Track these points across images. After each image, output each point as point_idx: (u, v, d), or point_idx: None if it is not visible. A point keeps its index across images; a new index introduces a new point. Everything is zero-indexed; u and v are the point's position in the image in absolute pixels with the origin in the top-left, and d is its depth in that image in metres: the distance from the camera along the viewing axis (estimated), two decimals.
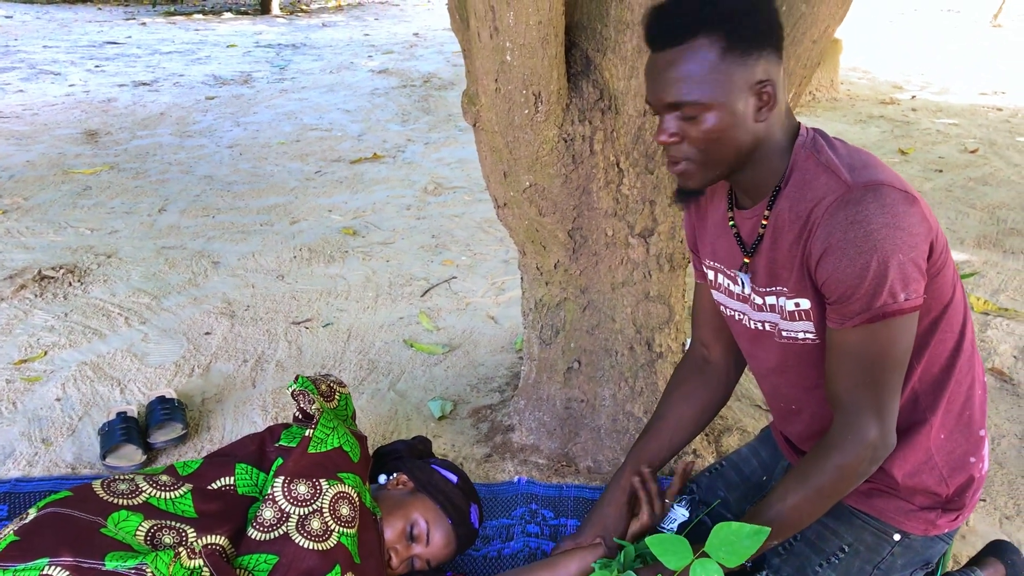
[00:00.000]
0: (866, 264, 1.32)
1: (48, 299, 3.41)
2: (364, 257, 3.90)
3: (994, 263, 3.77)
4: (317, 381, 1.98)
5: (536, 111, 1.92)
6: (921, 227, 1.35)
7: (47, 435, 2.56)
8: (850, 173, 1.37)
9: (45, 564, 1.43)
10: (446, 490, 1.90)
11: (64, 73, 7.96)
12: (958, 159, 5.39)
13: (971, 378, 1.57)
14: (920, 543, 1.62)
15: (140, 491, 1.69)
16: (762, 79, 1.36)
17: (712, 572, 1.51)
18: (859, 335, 1.40)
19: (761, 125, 1.41)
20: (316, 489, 1.70)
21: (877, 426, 1.43)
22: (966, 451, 1.58)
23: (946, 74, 8.16)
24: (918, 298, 1.37)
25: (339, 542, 1.66)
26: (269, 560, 1.62)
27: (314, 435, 1.79)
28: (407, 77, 7.85)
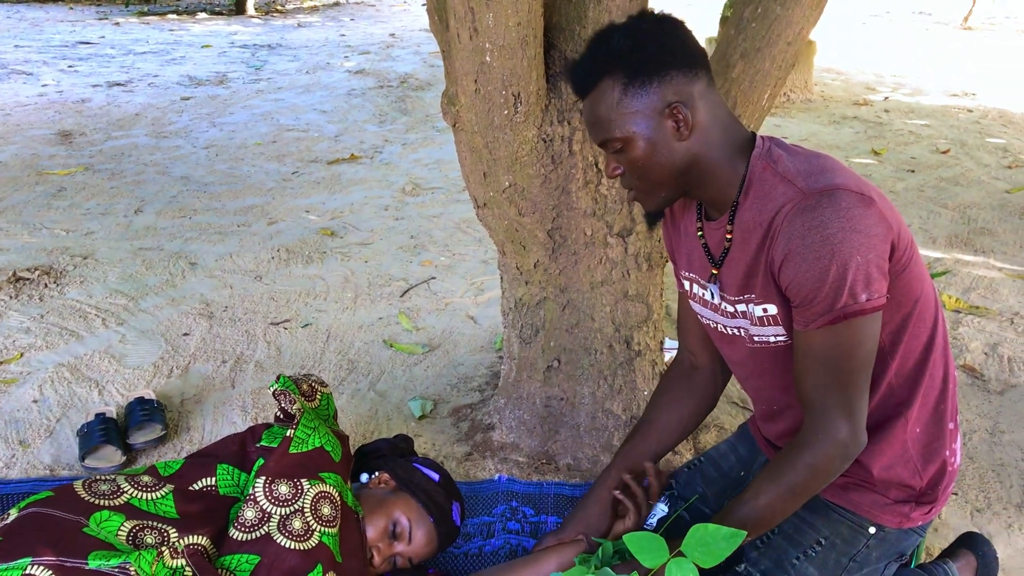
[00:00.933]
0: (825, 268, 1.36)
1: (23, 300, 3.39)
2: (343, 258, 3.90)
3: (965, 262, 3.83)
4: (298, 381, 1.98)
5: (515, 112, 1.94)
6: (878, 228, 1.39)
7: (24, 437, 2.54)
8: (806, 180, 1.42)
9: (28, 563, 1.43)
10: (428, 488, 1.91)
11: (36, 73, 7.89)
12: (930, 159, 5.47)
13: (944, 372, 1.60)
14: (895, 536, 1.65)
15: (121, 492, 1.68)
16: (671, 101, 1.44)
17: (687, 572, 1.53)
18: (824, 336, 1.43)
19: (687, 143, 1.48)
20: (297, 489, 1.70)
21: (847, 425, 1.47)
22: (940, 443, 1.62)
23: (918, 76, 8.27)
24: (880, 298, 1.40)
25: (320, 541, 1.66)
26: (251, 560, 1.62)
27: (295, 435, 1.79)
28: (384, 78, 7.85)
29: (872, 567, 1.66)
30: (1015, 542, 2.15)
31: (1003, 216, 4.43)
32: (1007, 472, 2.41)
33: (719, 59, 2.06)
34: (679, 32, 1.47)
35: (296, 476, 1.73)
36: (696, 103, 1.46)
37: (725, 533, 1.50)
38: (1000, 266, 3.79)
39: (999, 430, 2.61)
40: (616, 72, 1.44)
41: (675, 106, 1.44)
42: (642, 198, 1.56)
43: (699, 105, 1.46)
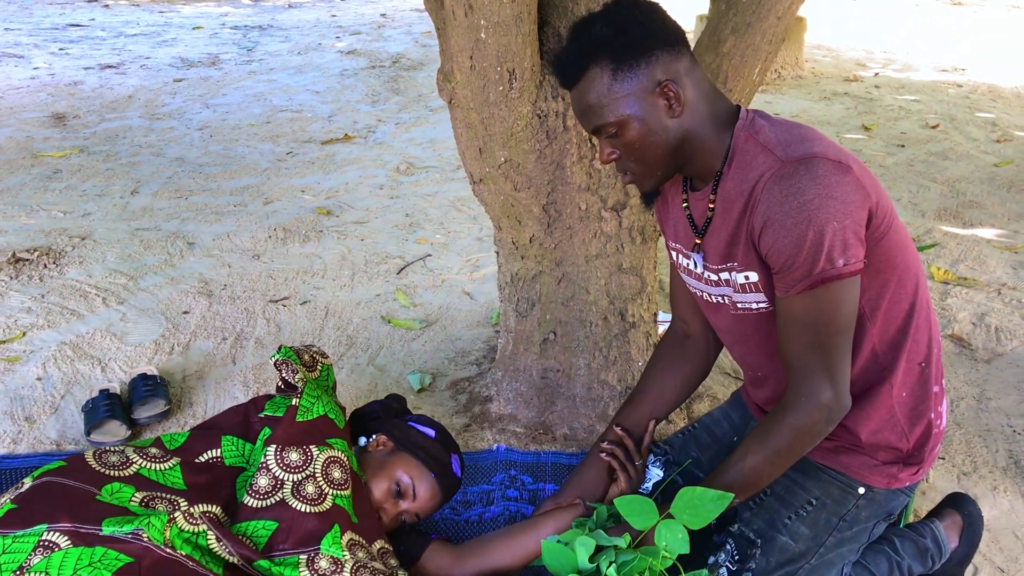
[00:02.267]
0: (803, 234, 1.41)
1: (24, 281, 3.42)
2: (339, 236, 3.94)
3: (953, 235, 3.88)
4: (300, 351, 2.02)
5: (510, 88, 1.97)
6: (855, 195, 1.43)
7: (30, 413, 2.59)
8: (784, 149, 1.46)
9: (44, 529, 1.47)
10: (425, 445, 1.95)
11: (28, 56, 7.86)
12: (919, 134, 5.51)
13: (928, 336, 1.65)
14: (883, 496, 1.71)
15: (131, 462, 1.72)
16: (660, 79, 1.48)
17: (677, 533, 1.59)
18: (803, 301, 1.48)
19: (679, 119, 1.52)
20: (307, 455, 1.75)
21: (830, 387, 1.52)
22: (926, 407, 1.67)
23: (908, 52, 8.30)
24: (857, 263, 1.45)
25: (335, 504, 1.71)
26: (268, 526, 1.66)
27: (300, 404, 1.83)
28: (376, 58, 7.84)
29: (861, 526, 1.72)
30: (1000, 503, 2.21)
31: (991, 189, 4.48)
32: (993, 437, 2.47)
33: (710, 34, 2.09)
34: (657, 13, 1.51)
35: (305, 443, 1.77)
36: (683, 80, 1.50)
37: (712, 496, 1.56)
38: (988, 238, 3.84)
39: (986, 397, 2.67)
40: (602, 59, 1.48)
41: (665, 84, 1.48)
42: (638, 180, 1.60)
43: (686, 81, 1.51)
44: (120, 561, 1.44)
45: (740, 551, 1.71)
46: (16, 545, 1.45)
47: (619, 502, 1.63)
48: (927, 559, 1.87)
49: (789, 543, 1.68)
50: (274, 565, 1.61)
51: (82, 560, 1.43)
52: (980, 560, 2.02)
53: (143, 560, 1.46)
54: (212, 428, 1.92)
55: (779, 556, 1.68)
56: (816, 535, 1.69)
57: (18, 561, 1.43)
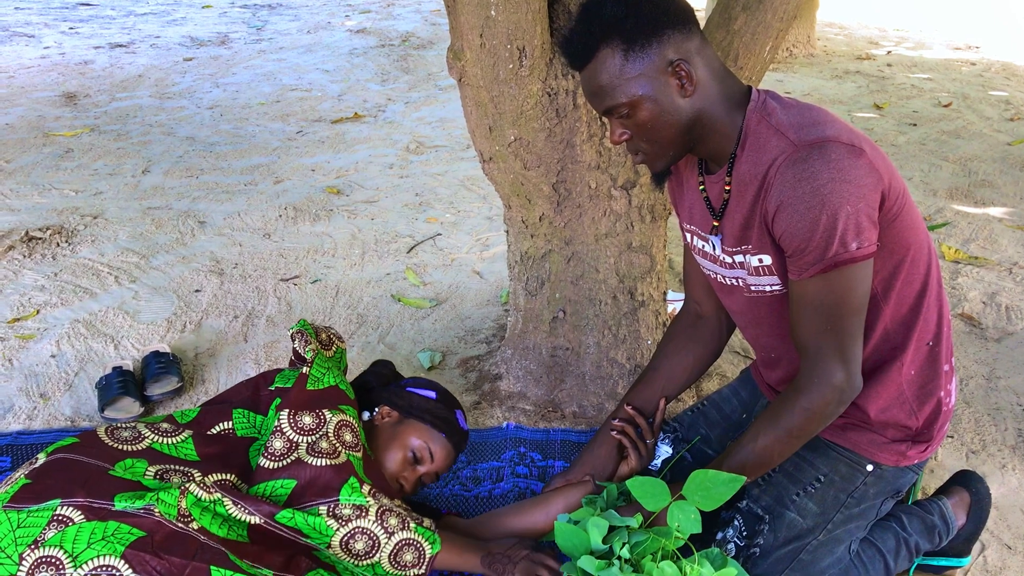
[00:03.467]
0: (816, 217, 1.41)
1: (37, 259, 3.45)
2: (349, 215, 3.95)
3: (965, 214, 3.87)
4: (317, 329, 2.03)
5: (520, 65, 1.97)
6: (868, 178, 1.43)
7: (44, 390, 2.61)
8: (797, 132, 1.46)
9: (58, 504, 1.49)
10: (430, 407, 1.99)
11: (38, 35, 7.87)
12: (932, 113, 5.47)
13: (938, 315, 1.66)
14: (891, 473, 1.72)
15: (143, 437, 1.75)
16: (672, 59, 1.47)
17: (689, 514, 1.60)
18: (817, 284, 1.49)
19: (691, 99, 1.51)
20: (320, 419, 1.77)
21: (842, 369, 1.53)
22: (935, 385, 1.68)
23: (921, 30, 8.23)
24: (870, 246, 1.45)
25: (348, 459, 1.73)
26: (287, 484, 1.68)
27: (311, 373, 1.85)
28: (385, 36, 7.82)
29: (869, 503, 1.73)
30: (1008, 481, 2.21)
31: (1004, 168, 4.46)
32: (1002, 416, 2.47)
33: (721, 11, 2.09)
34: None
35: (318, 407, 1.79)
36: (695, 59, 1.49)
37: (724, 478, 1.57)
38: (1000, 217, 3.83)
39: (995, 376, 2.67)
40: (613, 39, 1.46)
41: (677, 63, 1.47)
42: (650, 160, 1.60)
43: (697, 61, 1.50)
44: (133, 535, 1.46)
45: (748, 527, 1.72)
46: (31, 519, 1.47)
47: (631, 483, 1.65)
48: (934, 536, 1.88)
49: (797, 519, 1.70)
50: (298, 512, 1.63)
51: (96, 534, 1.46)
52: (987, 537, 2.03)
53: (155, 534, 1.48)
54: (223, 403, 1.94)
55: (787, 532, 1.69)
56: (824, 511, 1.70)
57: (33, 535, 1.45)
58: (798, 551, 1.69)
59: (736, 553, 1.72)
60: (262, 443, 1.81)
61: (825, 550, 1.71)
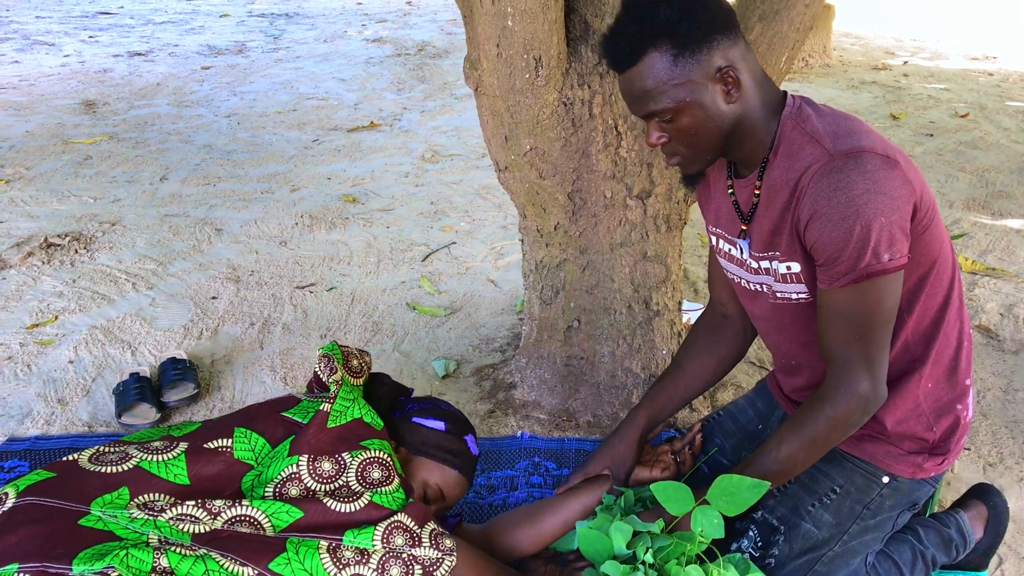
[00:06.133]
0: (850, 228, 1.41)
1: (56, 266, 3.48)
2: (365, 223, 3.96)
3: (982, 225, 3.85)
4: (349, 355, 1.93)
5: (537, 75, 1.98)
6: (902, 190, 1.43)
7: (62, 395, 2.63)
8: (833, 141, 1.45)
9: (15, 571, 1.42)
10: (439, 442, 1.90)
11: (58, 44, 7.95)
12: (949, 123, 5.45)
13: (958, 330, 1.65)
14: (908, 485, 1.71)
15: (129, 457, 1.65)
16: (721, 65, 1.46)
17: (712, 519, 1.60)
18: (847, 294, 1.48)
19: (735, 105, 1.50)
20: (340, 464, 1.68)
21: (868, 379, 1.52)
22: (952, 399, 1.67)
23: (938, 40, 8.20)
24: (902, 258, 1.45)
25: (371, 501, 1.65)
26: (292, 512, 1.61)
27: (332, 408, 1.74)
28: (401, 46, 7.86)
29: (886, 515, 1.72)
30: None
31: (1022, 179, 4.43)
32: (1019, 428, 2.46)
33: None
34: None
35: (337, 451, 1.70)
36: (740, 64, 1.49)
37: (748, 484, 1.57)
38: (1017, 228, 3.81)
39: (1013, 388, 2.65)
40: (663, 43, 1.44)
41: (726, 70, 1.46)
42: (685, 163, 1.59)
43: (742, 66, 1.49)
44: None
45: (763, 537, 1.72)
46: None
47: (656, 488, 1.64)
48: (951, 549, 1.87)
49: (812, 530, 1.69)
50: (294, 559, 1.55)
51: None
52: (1005, 551, 2.02)
53: None
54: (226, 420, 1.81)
55: (802, 543, 1.69)
56: (839, 523, 1.70)
57: None
58: (813, 562, 1.69)
59: None
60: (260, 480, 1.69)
61: (840, 561, 1.70)
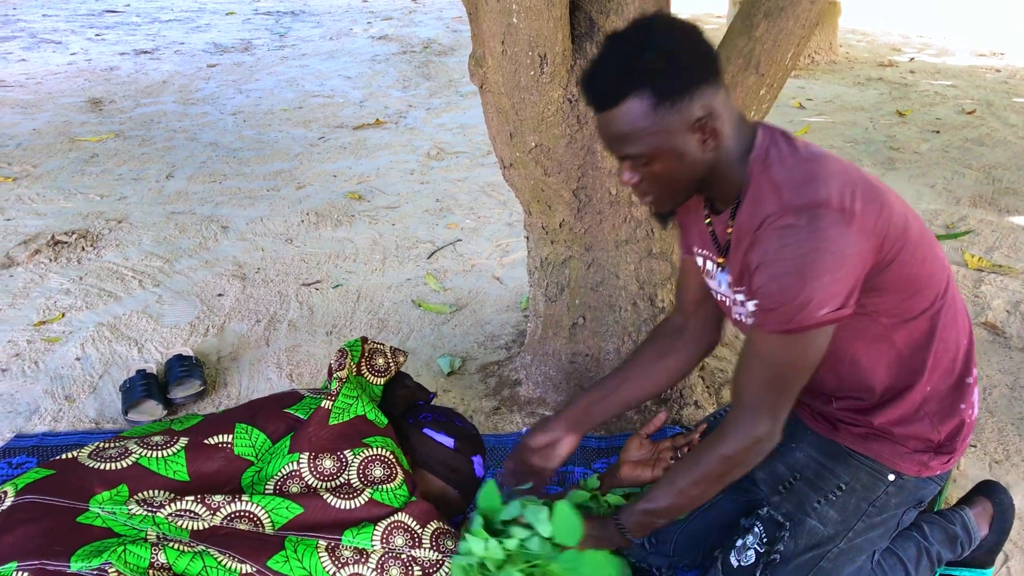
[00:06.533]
0: (791, 286, 1.41)
1: (63, 263, 3.49)
2: (370, 221, 3.97)
3: (989, 222, 3.84)
4: (377, 352, 1.91)
5: (542, 72, 1.98)
6: (855, 246, 1.41)
7: (69, 392, 2.64)
8: (792, 192, 1.43)
9: (13, 570, 1.44)
10: (446, 460, 1.88)
11: (65, 42, 7.97)
12: (955, 120, 5.44)
13: (955, 333, 1.64)
14: (913, 483, 1.70)
15: (129, 453, 1.66)
16: (700, 116, 1.45)
17: None
18: (774, 342, 1.48)
19: (710, 153, 1.50)
20: (341, 462, 1.69)
21: (769, 424, 1.54)
22: (955, 400, 1.67)
23: (945, 36, 8.18)
24: (843, 310, 1.43)
25: (371, 499, 1.65)
26: (292, 508, 1.61)
27: (334, 405, 1.75)
28: (407, 43, 7.86)
29: (891, 512, 1.72)
30: None
31: None
32: None
33: (743, 18, 2.09)
34: (702, 42, 1.46)
35: (338, 448, 1.70)
36: (719, 113, 1.48)
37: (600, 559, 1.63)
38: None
39: (1019, 385, 2.64)
40: (644, 90, 1.42)
41: (704, 121, 1.46)
42: (657, 203, 1.60)
43: (721, 115, 1.48)
44: None
45: (768, 533, 1.72)
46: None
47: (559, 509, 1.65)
48: (956, 546, 1.87)
49: (818, 527, 1.69)
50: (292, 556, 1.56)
51: None
52: (1011, 548, 2.02)
53: None
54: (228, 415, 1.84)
55: (807, 539, 1.69)
56: (845, 520, 1.70)
57: None
58: (818, 559, 1.69)
59: (756, 559, 1.72)
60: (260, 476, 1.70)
61: (846, 559, 1.70)
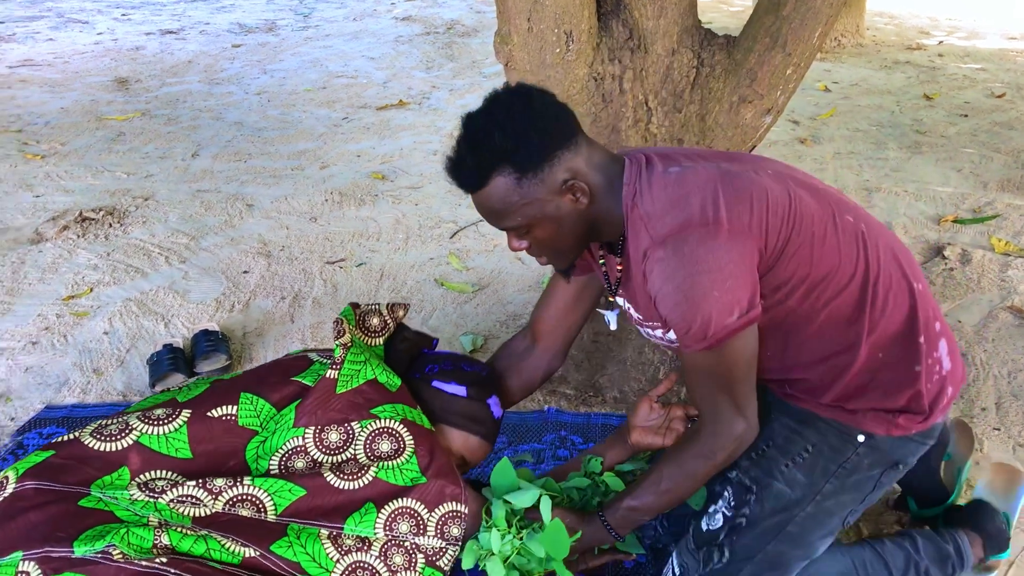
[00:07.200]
0: (685, 314, 1.43)
1: (90, 239, 3.53)
2: (394, 200, 3.99)
3: (1016, 206, 3.80)
4: (369, 313, 1.86)
5: (567, 50, 1.98)
6: (730, 254, 1.42)
7: (97, 365, 2.69)
8: (658, 223, 1.46)
9: (19, 559, 1.43)
10: (461, 409, 1.82)
11: (92, 22, 8.02)
12: (984, 104, 5.38)
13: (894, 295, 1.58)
14: (888, 443, 1.64)
15: (130, 429, 1.61)
16: (565, 178, 1.48)
17: None
18: (704, 357, 1.49)
19: (585, 206, 1.51)
20: (348, 433, 1.65)
21: (743, 421, 1.54)
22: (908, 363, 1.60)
23: (975, 19, 8.07)
24: (752, 312, 1.44)
25: (376, 478, 1.62)
26: (295, 491, 1.58)
27: (340, 374, 1.69)
28: (430, 24, 7.86)
29: (864, 474, 1.67)
30: None
31: None
32: None
33: None
34: (549, 108, 1.49)
35: (345, 419, 1.66)
36: (584, 169, 1.50)
37: None
38: None
39: None
40: (505, 168, 1.45)
41: (571, 183, 1.48)
42: (555, 262, 1.63)
43: (586, 170, 1.50)
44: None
45: (736, 498, 1.70)
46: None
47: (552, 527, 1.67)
48: (947, 566, 1.84)
49: (784, 490, 1.67)
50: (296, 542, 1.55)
51: None
52: None
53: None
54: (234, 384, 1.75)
55: (774, 502, 1.67)
56: (812, 482, 1.66)
57: None
58: (785, 522, 1.67)
59: (723, 523, 1.70)
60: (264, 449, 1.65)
61: (814, 522, 1.67)
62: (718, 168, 1.52)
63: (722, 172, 1.51)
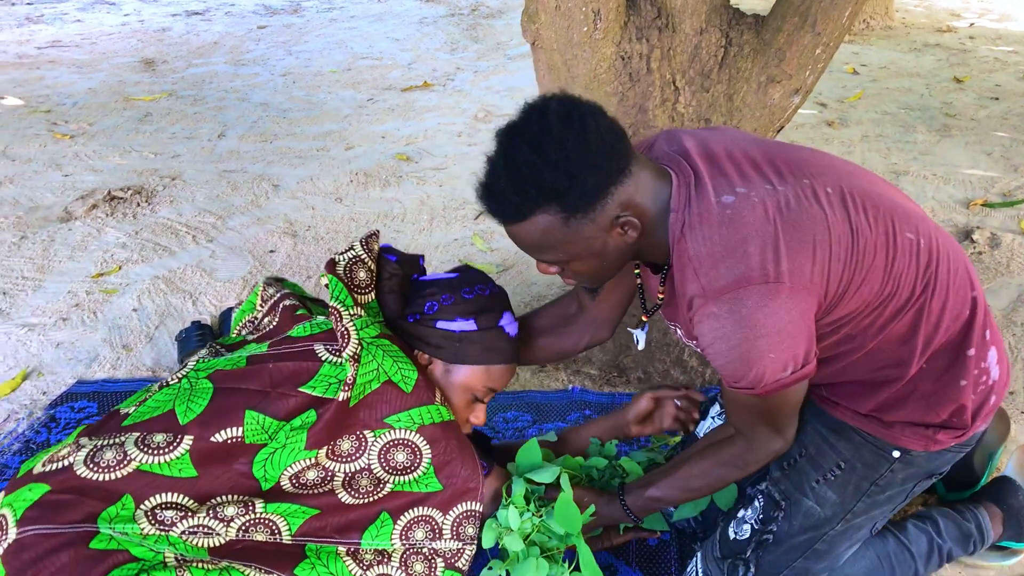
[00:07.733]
0: (737, 371, 1.36)
1: (119, 218, 3.57)
2: (418, 182, 4.00)
3: None
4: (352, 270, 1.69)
5: (595, 28, 1.98)
6: (790, 314, 1.32)
7: (127, 342, 2.72)
8: (711, 273, 1.33)
9: None
10: (475, 340, 1.70)
11: (118, 3, 8.07)
12: (1016, 87, 5.30)
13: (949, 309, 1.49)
14: (923, 458, 1.59)
15: (129, 460, 1.51)
16: (617, 215, 1.36)
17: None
18: (750, 398, 1.43)
19: (633, 238, 1.39)
20: (361, 443, 1.58)
21: (780, 440, 1.54)
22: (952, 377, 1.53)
23: (1006, 1, 7.94)
24: (807, 367, 1.38)
25: (392, 491, 1.60)
26: (306, 511, 1.56)
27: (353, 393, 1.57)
28: (455, 6, 7.84)
29: (897, 489, 1.63)
30: None
31: None
32: None
33: None
34: (605, 137, 1.33)
35: (358, 428, 1.58)
36: (636, 200, 1.37)
37: None
38: None
39: None
40: (552, 207, 1.31)
41: (621, 217, 1.36)
42: (588, 283, 1.56)
43: (637, 200, 1.38)
44: None
45: (765, 511, 1.67)
46: None
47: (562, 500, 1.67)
48: (969, 544, 1.83)
49: (814, 508, 1.63)
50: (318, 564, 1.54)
51: None
52: None
53: None
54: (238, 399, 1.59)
55: (803, 520, 1.64)
56: (843, 501, 1.62)
57: None
58: (814, 541, 1.64)
59: (750, 536, 1.68)
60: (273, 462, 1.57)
61: (843, 537, 1.65)
62: (776, 197, 1.36)
63: (781, 206, 1.35)
